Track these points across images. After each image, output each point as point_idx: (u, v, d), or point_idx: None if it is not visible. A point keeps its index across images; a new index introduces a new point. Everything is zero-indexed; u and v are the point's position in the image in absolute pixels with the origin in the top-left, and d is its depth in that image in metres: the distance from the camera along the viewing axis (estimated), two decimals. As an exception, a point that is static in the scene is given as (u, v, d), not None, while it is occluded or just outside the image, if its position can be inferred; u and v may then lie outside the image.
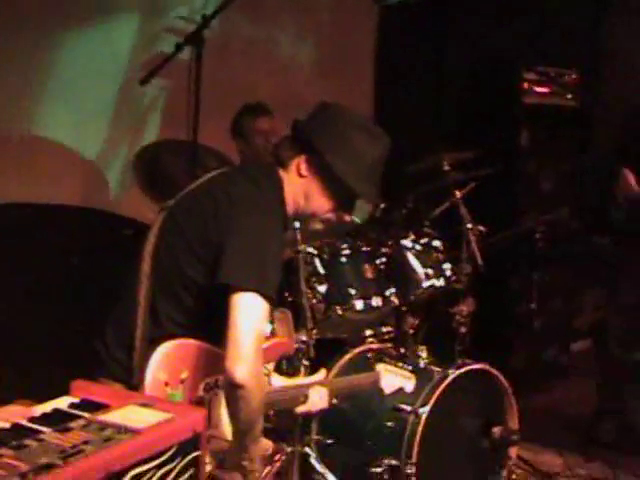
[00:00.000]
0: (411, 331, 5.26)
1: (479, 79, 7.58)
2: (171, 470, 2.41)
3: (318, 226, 3.48)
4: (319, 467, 4.80)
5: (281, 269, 3.24)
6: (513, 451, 5.02)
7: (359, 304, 5.04)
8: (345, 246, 5.02)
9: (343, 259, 5.00)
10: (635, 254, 6.20)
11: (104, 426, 2.40)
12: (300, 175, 3.33)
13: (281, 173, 3.35)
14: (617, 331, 6.30)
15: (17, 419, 2.47)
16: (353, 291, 5.03)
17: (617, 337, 6.30)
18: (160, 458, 2.37)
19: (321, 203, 3.36)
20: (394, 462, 4.61)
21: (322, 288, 4.78)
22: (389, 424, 4.71)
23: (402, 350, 5.10)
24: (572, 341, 7.94)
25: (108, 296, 5.52)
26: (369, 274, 5.10)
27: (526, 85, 7.25)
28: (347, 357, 4.99)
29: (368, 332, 5.28)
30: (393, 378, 4.12)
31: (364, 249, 5.13)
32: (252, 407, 3.06)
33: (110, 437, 2.33)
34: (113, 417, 2.48)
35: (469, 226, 5.21)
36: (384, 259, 5.15)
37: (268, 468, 4.26)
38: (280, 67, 6.48)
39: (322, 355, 4.70)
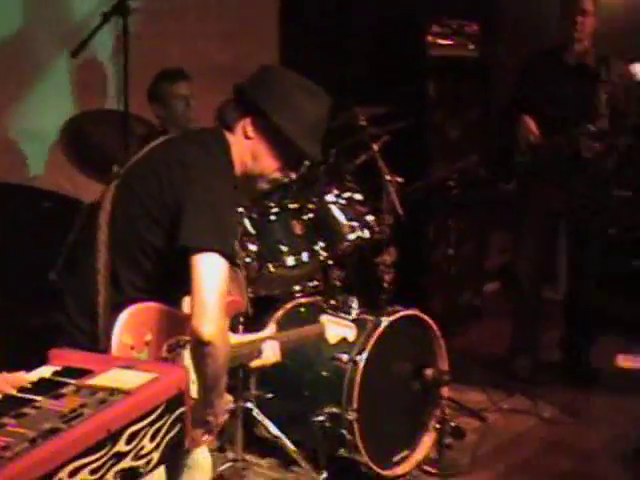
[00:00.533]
0: (338, 283, 5.37)
1: (385, 33, 7.69)
2: (162, 426, 2.48)
3: (265, 186, 3.55)
4: (262, 420, 4.93)
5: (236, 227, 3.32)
6: (445, 391, 5.17)
7: (290, 260, 5.14)
8: (272, 204, 5.09)
9: (272, 217, 5.08)
10: (537, 197, 6.38)
11: (95, 390, 2.47)
12: (247, 137, 3.38)
13: (227, 136, 3.41)
14: (525, 271, 6.51)
15: (6, 390, 2.52)
16: (284, 248, 5.12)
17: (526, 277, 6.51)
18: (151, 416, 2.44)
19: (269, 163, 3.42)
20: (335, 410, 4.75)
21: (253, 247, 4.85)
22: (328, 374, 4.84)
23: (332, 302, 5.22)
24: (484, 284, 8.18)
25: (31, 268, 5.55)
26: (298, 230, 5.20)
27: (430, 38, 7.39)
28: (280, 313, 5.09)
29: (297, 287, 5.34)
30: (336, 328, 4.20)
31: (291, 206, 5.22)
32: (219, 363, 3.13)
33: (104, 399, 2.40)
34: (101, 381, 2.54)
35: (388, 178, 5.31)
36: (311, 215, 5.24)
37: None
38: (190, 35, 6.49)
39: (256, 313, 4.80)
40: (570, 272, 6.83)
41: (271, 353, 3.83)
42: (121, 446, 2.33)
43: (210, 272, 3.07)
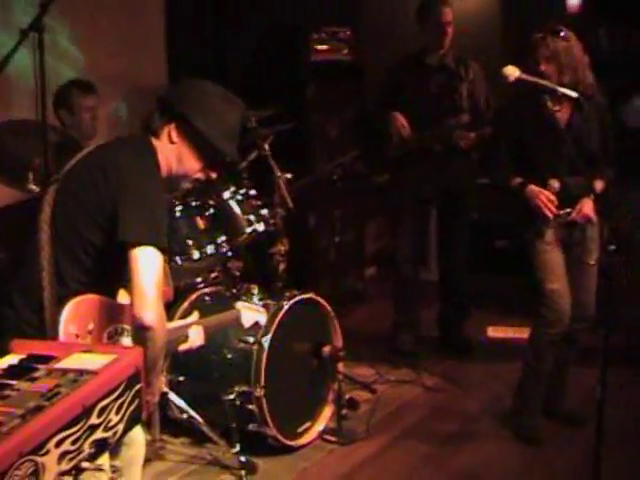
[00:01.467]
0: (237, 273, 5.56)
1: (267, 40, 7.85)
2: (124, 401, 2.64)
3: (188, 185, 3.75)
4: (177, 401, 5.10)
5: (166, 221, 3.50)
6: (341, 366, 5.37)
7: (196, 254, 5.34)
8: (177, 202, 5.27)
9: (177, 214, 5.28)
10: (409, 187, 6.63)
11: (65, 372, 2.61)
12: (171, 141, 3.56)
13: (153, 141, 3.60)
14: (404, 255, 6.75)
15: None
16: (190, 242, 5.33)
17: (405, 260, 6.75)
18: (116, 392, 2.59)
19: (192, 164, 3.62)
20: (244, 388, 4.96)
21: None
22: (236, 355, 5.03)
23: (233, 291, 5.40)
24: (364, 268, 8.40)
25: None
26: (201, 225, 5.41)
27: (309, 44, 7.59)
28: (185, 304, 5.26)
29: (198, 279, 5.49)
30: (250, 313, 4.38)
31: (194, 203, 5.42)
32: (158, 346, 3.33)
33: (75, 379, 2.54)
34: (67, 364, 2.68)
35: (278, 174, 5.52)
36: (212, 211, 5.45)
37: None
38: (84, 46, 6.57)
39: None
40: (441, 254, 7.10)
41: (197, 337, 4.00)
42: (94, 419, 2.48)
43: (147, 264, 3.28)
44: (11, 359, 2.80)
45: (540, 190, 5.01)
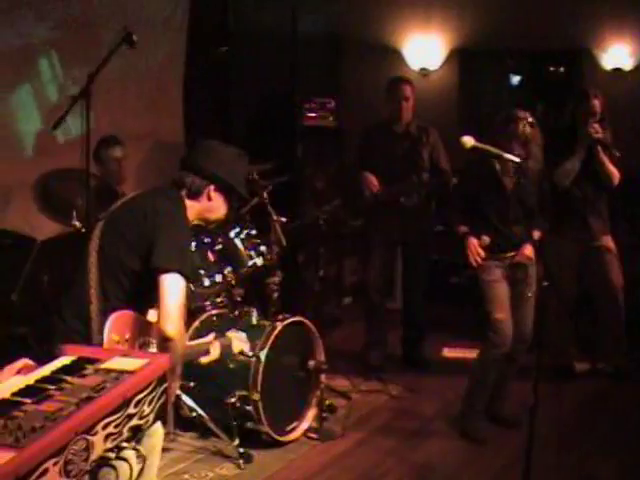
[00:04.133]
0: (239, 299, 5.66)
1: (264, 107, 8.00)
2: (155, 396, 2.74)
3: (213, 226, 3.92)
4: (189, 403, 5.20)
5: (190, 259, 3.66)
6: (323, 377, 5.49)
7: (206, 281, 5.47)
8: (192, 239, 5.37)
9: (192, 248, 5.34)
10: (380, 231, 6.74)
11: (108, 371, 2.73)
12: (209, 199, 3.73)
13: (186, 201, 3.71)
14: (374, 287, 6.84)
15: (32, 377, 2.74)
16: (202, 271, 5.45)
17: (375, 291, 6.84)
18: (148, 388, 2.70)
19: (223, 211, 3.80)
20: (244, 393, 5.07)
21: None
22: (237, 365, 5.08)
23: (236, 313, 5.51)
24: (342, 298, 8.51)
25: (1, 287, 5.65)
26: (211, 258, 5.53)
27: (300, 112, 7.73)
28: (196, 323, 5.38)
29: (207, 303, 5.59)
30: (238, 342, 4.35)
31: (205, 240, 5.54)
32: (177, 354, 3.48)
33: (117, 377, 2.66)
34: (110, 365, 2.80)
35: (274, 218, 5.63)
36: (220, 246, 5.56)
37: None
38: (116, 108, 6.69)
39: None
40: (404, 287, 7.22)
41: (217, 352, 4.12)
42: (131, 409, 2.59)
43: (172, 287, 3.44)
44: (64, 360, 2.91)
45: (473, 243, 5.17)
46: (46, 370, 2.82)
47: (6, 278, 5.87)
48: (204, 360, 4.10)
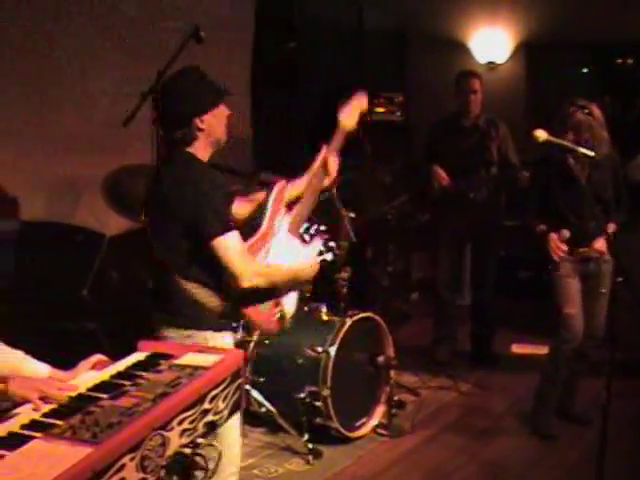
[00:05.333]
0: (308, 294, 5.63)
1: (331, 102, 7.96)
2: (229, 392, 2.74)
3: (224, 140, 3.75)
4: (259, 398, 5.21)
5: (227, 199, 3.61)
6: (393, 373, 5.46)
7: (276, 277, 5.43)
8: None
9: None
10: (448, 226, 6.72)
11: (183, 367, 2.74)
12: (202, 129, 3.59)
13: (189, 149, 3.62)
14: (443, 282, 6.82)
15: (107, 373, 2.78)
16: (272, 267, 5.42)
17: (444, 286, 6.82)
18: (223, 384, 2.71)
19: (221, 123, 3.65)
20: (313, 388, 5.06)
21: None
22: (307, 361, 5.13)
23: (305, 309, 5.47)
24: (410, 293, 8.48)
25: (67, 286, 5.71)
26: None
27: (367, 107, 7.67)
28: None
29: None
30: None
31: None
32: (269, 285, 3.62)
33: (192, 373, 2.67)
34: (184, 361, 2.81)
35: (344, 213, 5.61)
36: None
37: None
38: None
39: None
40: (473, 282, 7.15)
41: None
42: (206, 405, 2.60)
43: (227, 247, 3.46)
44: (138, 356, 2.94)
45: (553, 239, 5.11)
46: (121, 366, 2.85)
47: (76, 274, 5.95)
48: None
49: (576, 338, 5.19)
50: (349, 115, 4.30)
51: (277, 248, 3.85)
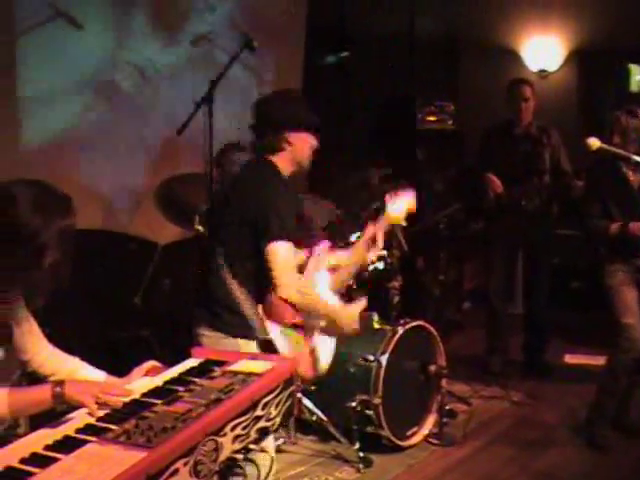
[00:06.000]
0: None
1: (384, 112, 8.00)
2: (281, 399, 2.76)
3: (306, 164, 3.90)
4: (310, 406, 5.20)
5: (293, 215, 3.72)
6: (444, 382, 5.40)
7: (328, 285, 5.44)
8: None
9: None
10: (501, 234, 6.67)
11: (236, 373, 2.77)
12: (290, 144, 3.77)
13: (273, 159, 3.78)
14: (496, 292, 6.78)
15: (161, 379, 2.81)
16: (324, 275, 5.43)
17: (496, 296, 6.77)
18: (275, 391, 2.73)
19: (308, 147, 3.83)
20: (364, 397, 5.05)
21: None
22: (358, 370, 5.12)
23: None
24: (462, 302, 8.44)
25: (120, 294, 5.76)
26: (332, 263, 5.50)
27: (419, 116, 7.72)
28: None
29: None
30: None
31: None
32: (308, 306, 3.72)
33: (245, 379, 2.70)
34: (237, 368, 2.84)
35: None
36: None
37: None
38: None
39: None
40: (526, 292, 7.10)
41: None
42: (258, 411, 2.62)
43: (277, 254, 3.57)
44: (192, 362, 2.98)
45: (637, 226, 5.02)
46: (174, 372, 2.89)
47: (129, 282, 6.00)
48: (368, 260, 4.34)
49: (635, 348, 5.12)
50: (398, 210, 4.35)
51: None
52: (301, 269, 3.91)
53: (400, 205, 4.34)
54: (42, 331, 3.02)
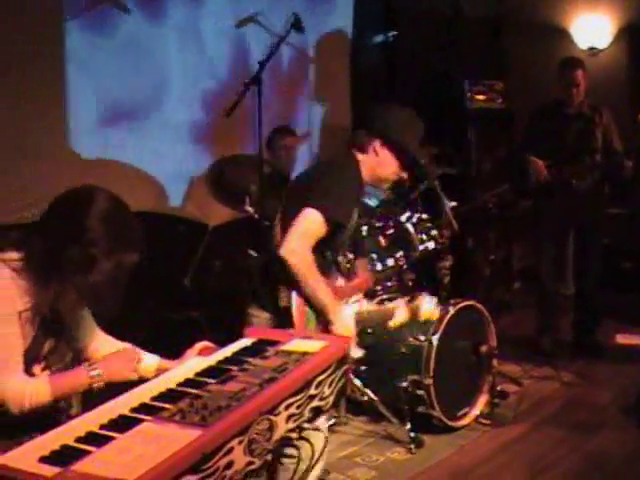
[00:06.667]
0: (410, 283, 5.61)
1: (432, 91, 7.94)
2: (334, 378, 2.75)
3: (386, 186, 3.90)
4: (360, 387, 5.19)
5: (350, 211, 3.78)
6: (495, 362, 5.36)
7: (378, 265, 5.45)
8: (363, 223, 5.36)
9: (364, 233, 5.34)
10: (551, 215, 6.59)
11: (289, 353, 2.75)
12: (376, 154, 3.74)
13: (357, 155, 3.79)
14: (546, 272, 6.71)
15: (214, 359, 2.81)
16: (374, 256, 5.44)
17: (547, 276, 6.71)
18: (328, 370, 2.71)
19: (392, 169, 3.81)
20: (416, 377, 5.03)
21: (351, 255, 5.10)
22: (409, 350, 5.10)
23: (407, 297, 5.41)
24: (512, 283, 8.37)
25: (170, 276, 5.77)
26: (383, 243, 5.51)
27: (469, 94, 7.64)
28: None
29: (378, 287, 5.54)
30: (429, 304, 4.28)
31: (377, 225, 5.52)
32: (299, 276, 3.63)
33: (298, 359, 2.68)
34: (290, 347, 2.82)
35: (445, 202, 5.55)
36: (392, 231, 5.54)
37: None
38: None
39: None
40: (577, 272, 7.01)
41: (402, 316, 4.15)
42: (312, 391, 2.61)
43: (303, 217, 3.62)
44: (245, 342, 2.96)
45: None
46: (227, 352, 2.88)
47: (179, 264, 6.01)
48: (391, 323, 4.15)
49: None
50: (426, 310, 4.22)
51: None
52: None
53: (430, 308, 4.27)
54: (93, 314, 3.06)
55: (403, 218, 5.53)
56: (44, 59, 5.43)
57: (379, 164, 3.83)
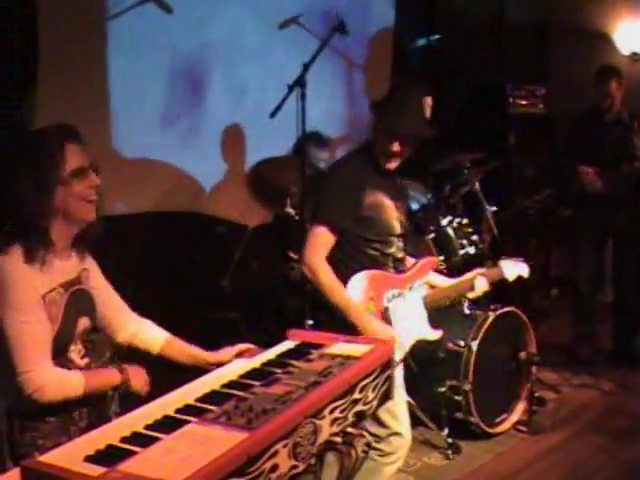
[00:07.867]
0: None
1: (475, 97, 7.90)
2: (378, 383, 2.71)
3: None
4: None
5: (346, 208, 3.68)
6: (534, 369, 5.34)
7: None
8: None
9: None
10: (589, 222, 6.54)
11: (334, 356, 2.71)
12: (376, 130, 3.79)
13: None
14: (584, 279, 6.65)
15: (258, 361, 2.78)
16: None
17: (585, 283, 6.65)
18: (373, 375, 2.67)
19: (384, 143, 3.74)
20: (454, 382, 5.00)
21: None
22: (448, 355, 5.07)
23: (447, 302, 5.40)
24: (550, 289, 8.31)
25: (208, 276, 5.77)
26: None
27: (510, 100, 7.60)
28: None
29: None
30: (512, 266, 4.34)
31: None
32: (318, 283, 3.66)
33: (343, 362, 2.64)
34: (334, 351, 2.78)
35: (486, 207, 5.53)
36: (433, 235, 5.49)
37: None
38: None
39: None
40: (615, 279, 6.93)
41: (481, 286, 4.14)
42: (356, 395, 2.57)
43: (311, 235, 3.68)
44: (288, 345, 2.93)
45: None
46: (271, 354, 2.85)
47: (218, 265, 6.01)
48: (470, 295, 4.18)
49: None
50: (510, 273, 4.30)
51: (403, 304, 3.83)
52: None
53: (514, 270, 4.31)
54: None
55: (444, 222, 5.48)
56: (88, 58, 5.44)
57: (377, 143, 3.77)
